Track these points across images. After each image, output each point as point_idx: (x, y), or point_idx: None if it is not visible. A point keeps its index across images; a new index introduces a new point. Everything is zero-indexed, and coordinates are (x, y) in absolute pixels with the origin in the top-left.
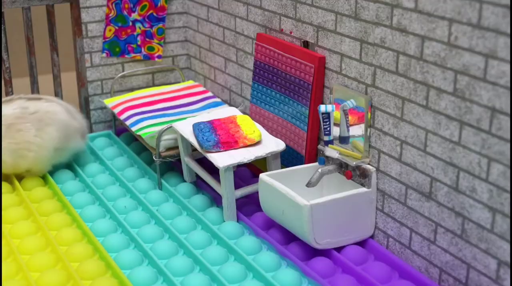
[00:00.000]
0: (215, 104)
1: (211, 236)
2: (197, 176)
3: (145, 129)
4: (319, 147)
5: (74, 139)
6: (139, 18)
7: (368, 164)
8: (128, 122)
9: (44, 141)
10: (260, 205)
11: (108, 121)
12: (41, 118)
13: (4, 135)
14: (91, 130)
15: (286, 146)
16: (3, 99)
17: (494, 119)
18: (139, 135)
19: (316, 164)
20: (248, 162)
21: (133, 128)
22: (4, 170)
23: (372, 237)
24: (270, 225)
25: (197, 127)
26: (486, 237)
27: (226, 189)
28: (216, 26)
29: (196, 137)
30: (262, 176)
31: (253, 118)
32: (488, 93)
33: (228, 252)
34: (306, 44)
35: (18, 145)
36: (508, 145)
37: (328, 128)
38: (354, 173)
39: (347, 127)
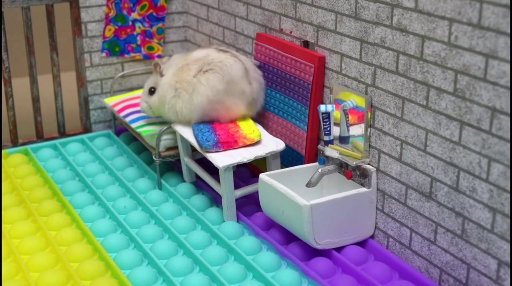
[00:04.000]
0: None
1: (211, 236)
2: (197, 176)
3: (145, 127)
4: (319, 147)
5: (234, 100)
6: (138, 17)
7: (368, 164)
8: (127, 119)
9: (201, 86)
10: (260, 205)
11: (108, 121)
12: (209, 64)
13: (175, 74)
14: (90, 130)
15: (286, 145)
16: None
17: (494, 119)
18: (139, 134)
19: (316, 164)
20: (248, 162)
21: (133, 125)
22: (166, 114)
23: (372, 237)
24: (270, 225)
25: (196, 127)
26: (486, 237)
27: (226, 189)
28: (216, 26)
29: (196, 137)
30: (262, 176)
31: (253, 118)
32: (488, 93)
33: (228, 252)
34: (306, 44)
35: (179, 84)
36: (508, 145)
37: (328, 128)
38: (354, 173)
39: (347, 127)
